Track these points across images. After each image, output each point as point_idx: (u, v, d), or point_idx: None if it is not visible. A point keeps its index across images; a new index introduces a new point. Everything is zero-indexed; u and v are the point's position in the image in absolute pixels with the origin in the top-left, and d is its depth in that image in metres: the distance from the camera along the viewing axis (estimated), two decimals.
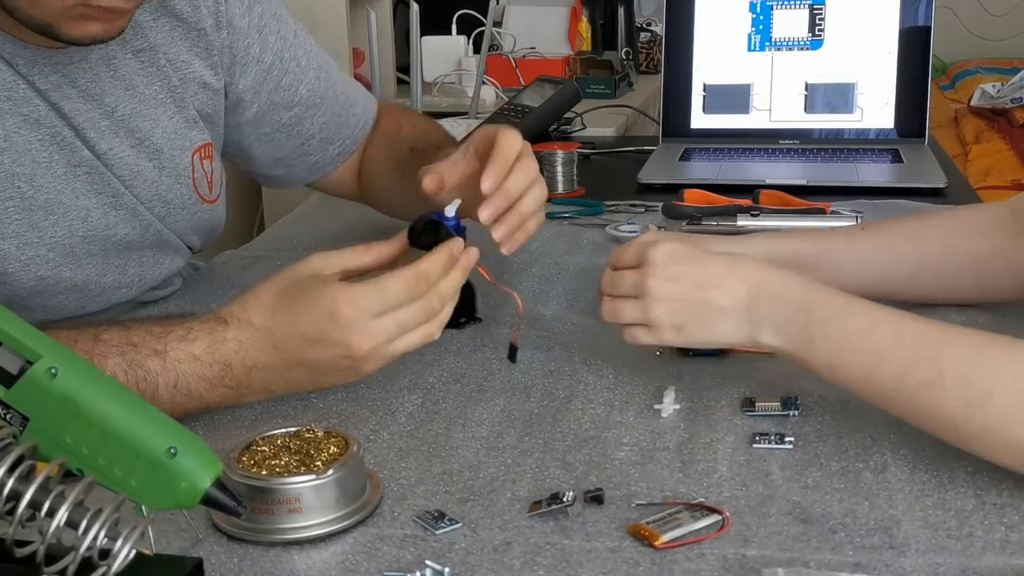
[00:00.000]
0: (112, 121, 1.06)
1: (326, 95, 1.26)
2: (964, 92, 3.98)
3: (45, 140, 1.01)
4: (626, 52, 2.75)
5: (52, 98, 1.01)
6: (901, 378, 0.78)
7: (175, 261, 1.19)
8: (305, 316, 0.87)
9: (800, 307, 0.84)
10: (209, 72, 1.15)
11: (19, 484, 0.59)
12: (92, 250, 1.07)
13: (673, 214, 1.43)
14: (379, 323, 0.87)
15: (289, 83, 1.22)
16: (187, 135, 1.14)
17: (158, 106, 1.10)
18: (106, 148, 1.05)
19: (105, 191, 1.06)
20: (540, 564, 0.70)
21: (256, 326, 0.88)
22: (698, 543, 0.72)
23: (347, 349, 0.87)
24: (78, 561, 0.59)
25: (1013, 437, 0.74)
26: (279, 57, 1.21)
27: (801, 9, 1.77)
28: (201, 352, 0.88)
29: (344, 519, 0.75)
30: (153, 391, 0.87)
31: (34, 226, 1.01)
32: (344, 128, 1.30)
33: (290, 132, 1.25)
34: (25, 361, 0.66)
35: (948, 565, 0.69)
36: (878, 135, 1.76)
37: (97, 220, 1.06)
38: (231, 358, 0.88)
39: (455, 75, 2.62)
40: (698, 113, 1.82)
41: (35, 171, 1.00)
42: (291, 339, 0.88)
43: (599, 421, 0.90)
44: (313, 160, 1.30)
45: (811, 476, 0.80)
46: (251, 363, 0.88)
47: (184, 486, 0.66)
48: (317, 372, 0.89)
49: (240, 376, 0.89)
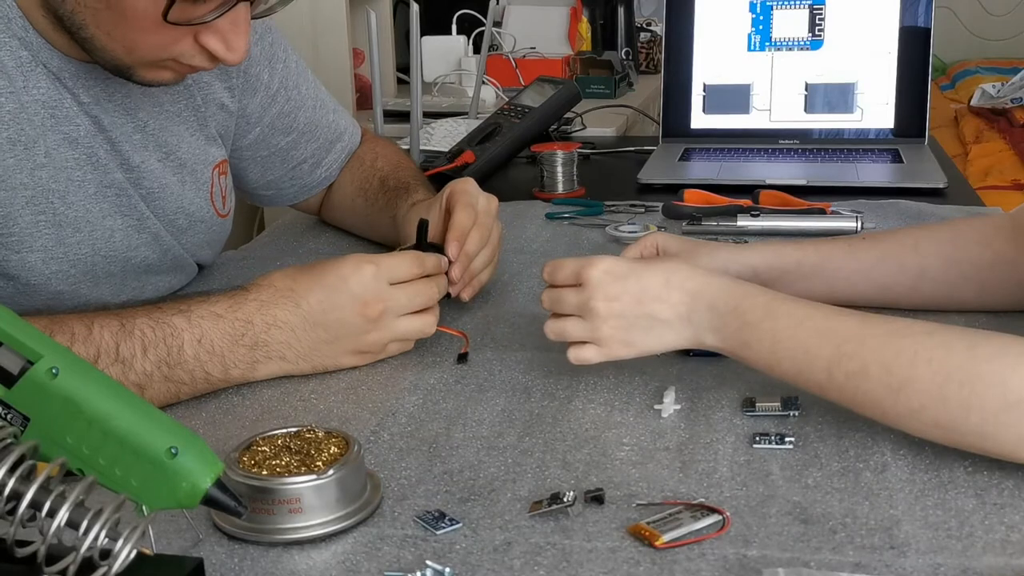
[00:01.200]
0: (143, 135, 1.09)
1: (320, 123, 1.34)
2: (964, 92, 3.98)
3: (81, 159, 1.04)
4: (626, 52, 2.75)
5: (92, 111, 1.04)
6: (829, 371, 0.82)
7: (181, 281, 1.23)
8: (333, 269, 0.97)
9: (732, 312, 0.87)
10: (227, 94, 1.20)
11: (20, 484, 0.60)
12: (112, 270, 1.09)
13: (673, 214, 1.43)
14: (391, 290, 0.98)
15: (290, 110, 1.29)
16: (208, 151, 1.18)
17: (182, 123, 1.14)
18: (139, 161, 1.09)
19: (131, 214, 1.09)
20: (540, 564, 0.71)
21: (278, 287, 0.96)
22: (698, 543, 0.72)
23: (364, 306, 0.96)
24: (79, 561, 0.59)
25: (936, 417, 0.78)
26: (284, 85, 1.27)
27: (801, 9, 1.77)
28: (223, 310, 0.94)
29: (345, 519, 0.75)
30: (180, 346, 0.92)
31: (61, 242, 1.04)
32: (331, 153, 1.37)
33: (284, 156, 1.31)
34: (26, 361, 0.66)
35: (948, 565, 0.69)
36: (878, 135, 1.77)
37: (120, 241, 1.09)
38: (252, 315, 0.95)
39: (455, 75, 2.62)
40: (698, 113, 1.82)
41: (68, 188, 1.03)
42: (312, 291, 0.96)
43: (599, 421, 0.90)
44: (302, 183, 1.36)
45: (811, 476, 0.80)
46: (271, 320, 0.95)
47: (185, 486, 0.66)
48: (332, 335, 0.97)
49: (260, 333, 0.95)
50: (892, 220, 1.41)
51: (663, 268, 0.91)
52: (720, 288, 0.89)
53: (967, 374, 0.76)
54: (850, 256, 1.07)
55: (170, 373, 0.92)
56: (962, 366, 0.77)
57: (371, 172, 1.37)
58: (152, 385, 0.91)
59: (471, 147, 1.72)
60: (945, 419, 0.78)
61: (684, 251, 1.06)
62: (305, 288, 0.96)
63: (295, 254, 1.38)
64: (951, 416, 0.77)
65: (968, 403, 0.76)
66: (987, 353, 0.77)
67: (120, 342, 0.90)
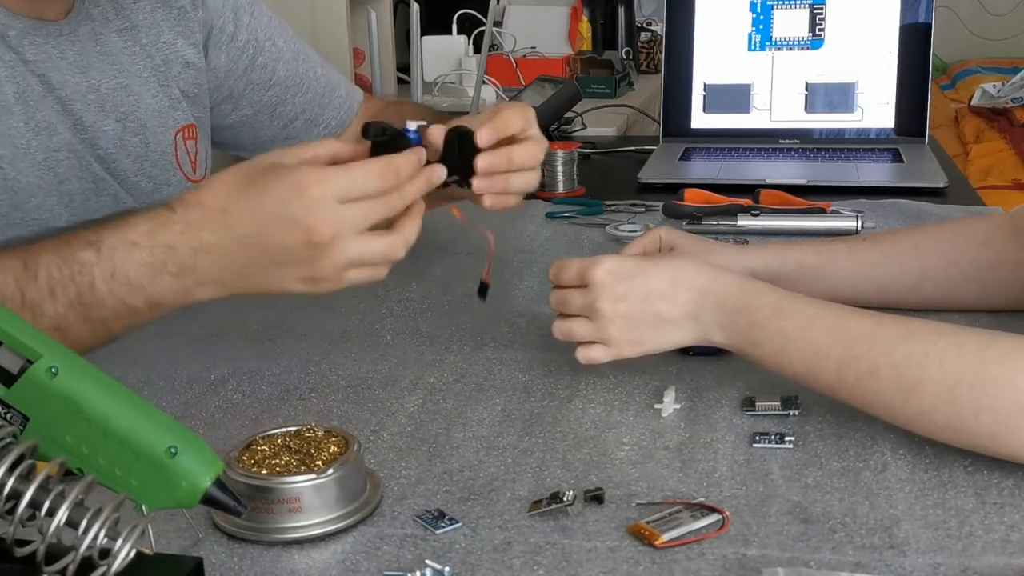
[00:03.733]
0: (98, 95, 1.07)
1: (306, 75, 1.28)
2: (964, 92, 3.98)
3: (20, 126, 1.01)
4: (626, 52, 2.75)
5: (41, 69, 1.01)
6: (840, 372, 0.82)
7: None
8: (269, 192, 0.82)
9: (741, 310, 0.87)
10: (192, 51, 1.17)
11: (19, 483, 0.59)
12: None
13: (673, 214, 1.43)
14: (345, 209, 0.82)
15: (265, 62, 1.25)
16: (170, 114, 1.16)
17: (142, 84, 1.12)
18: (91, 121, 1.06)
19: (86, 176, 1.07)
20: (540, 564, 0.70)
21: (208, 206, 0.84)
22: (698, 542, 0.72)
23: (308, 232, 0.82)
24: (78, 561, 0.59)
25: (947, 418, 0.78)
26: (253, 36, 1.24)
27: (801, 9, 1.77)
28: (140, 237, 0.83)
29: (344, 518, 0.75)
30: (90, 283, 0.83)
31: (17, 207, 1.02)
32: (328, 109, 1.31)
33: (272, 113, 1.27)
34: (25, 360, 0.66)
35: (948, 565, 0.69)
36: (878, 135, 1.77)
37: (79, 205, 1.06)
38: (175, 240, 0.83)
39: (455, 75, 2.62)
40: (698, 113, 1.82)
41: (15, 155, 1.01)
42: (247, 215, 0.83)
43: (599, 420, 0.90)
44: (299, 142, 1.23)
45: (811, 476, 0.80)
46: (198, 244, 0.83)
47: (184, 485, 0.66)
48: (273, 261, 0.84)
49: (185, 259, 0.83)
50: (892, 220, 1.41)
51: (670, 266, 0.91)
52: (729, 286, 0.89)
53: (978, 376, 0.76)
54: (850, 258, 1.07)
55: (87, 312, 0.84)
56: (973, 368, 0.77)
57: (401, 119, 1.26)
58: (71, 326, 0.85)
59: None
60: (956, 421, 0.77)
61: (688, 247, 1.06)
62: (239, 209, 0.83)
63: None
64: (962, 418, 0.77)
65: (979, 405, 0.76)
66: (998, 354, 0.77)
67: (25, 287, 0.84)
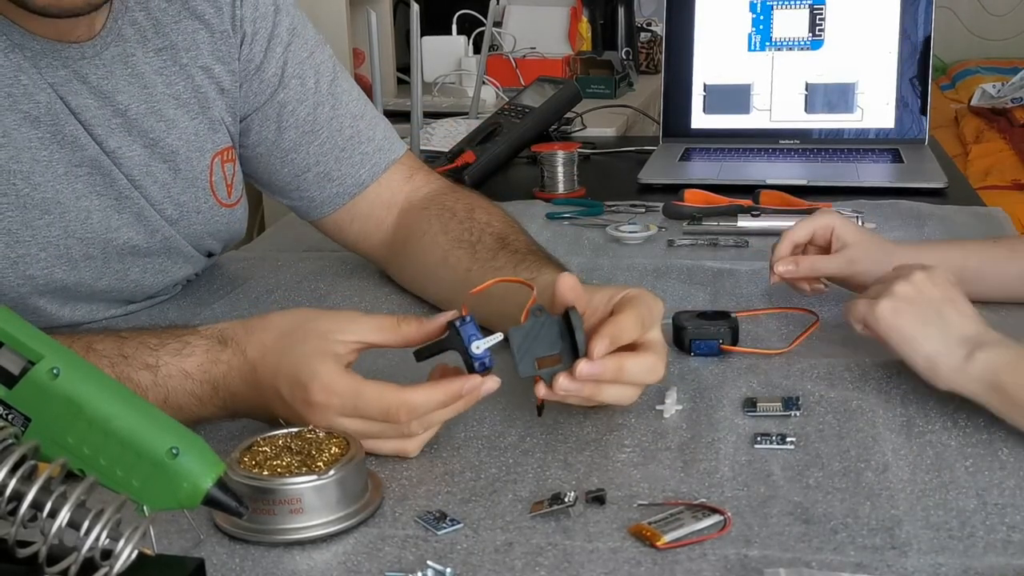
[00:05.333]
0: (124, 120, 1.05)
1: (328, 124, 1.17)
2: (964, 92, 3.98)
3: (46, 138, 1.00)
4: (626, 52, 2.75)
5: (60, 92, 1.00)
6: None
7: (184, 269, 1.17)
8: (283, 372, 0.82)
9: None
10: (228, 78, 1.13)
11: (21, 485, 0.59)
12: (91, 252, 1.05)
13: (673, 214, 1.43)
14: (344, 422, 0.81)
15: (285, 100, 1.16)
16: (209, 137, 1.12)
17: (179, 107, 1.09)
18: (115, 146, 1.04)
19: (108, 192, 1.05)
20: (542, 564, 0.70)
21: (247, 358, 0.85)
22: (700, 543, 0.72)
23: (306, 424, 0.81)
24: (80, 562, 0.59)
25: None
26: (280, 69, 1.15)
27: (801, 9, 1.77)
28: (193, 369, 0.85)
29: (345, 519, 0.75)
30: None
31: (27, 224, 1.00)
32: (344, 165, 1.18)
33: (284, 158, 1.18)
34: (27, 361, 0.66)
35: (950, 565, 0.69)
36: (878, 135, 1.77)
37: (98, 222, 1.05)
38: (219, 380, 0.85)
39: (455, 75, 2.62)
40: (698, 113, 1.82)
41: (33, 169, 1.00)
42: (265, 385, 0.84)
43: (601, 422, 0.90)
44: (310, 196, 1.20)
45: (812, 476, 0.80)
46: (234, 390, 0.85)
47: (186, 486, 0.66)
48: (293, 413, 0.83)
49: (225, 398, 0.86)
50: (892, 220, 1.41)
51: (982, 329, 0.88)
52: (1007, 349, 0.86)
53: None
54: (1013, 259, 1.08)
55: None
56: None
57: (475, 225, 1.12)
58: None
59: (471, 147, 1.72)
60: None
61: (860, 245, 1.06)
62: (262, 374, 0.83)
63: (295, 255, 1.37)
64: None
65: None
66: None
67: None
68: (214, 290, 1.24)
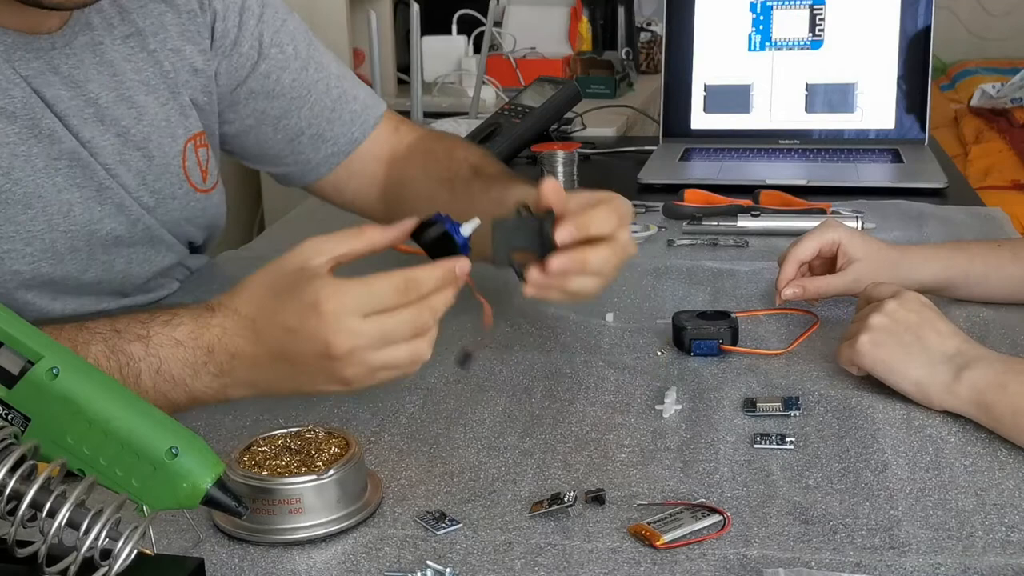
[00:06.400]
0: (96, 109, 1.05)
1: (314, 86, 1.20)
2: (964, 92, 3.98)
3: (23, 133, 1.00)
4: (626, 52, 2.75)
5: (34, 84, 1.00)
6: None
7: (167, 258, 1.17)
8: (288, 306, 0.82)
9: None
10: (200, 57, 1.14)
11: (21, 484, 0.59)
12: (76, 245, 1.05)
13: (673, 214, 1.43)
14: (362, 324, 0.81)
15: (268, 70, 1.18)
16: (180, 123, 1.13)
17: (149, 93, 1.09)
18: (89, 137, 1.04)
19: (88, 184, 1.05)
20: (541, 564, 0.71)
21: (241, 314, 0.85)
22: (699, 543, 0.72)
23: (325, 346, 0.81)
24: (79, 561, 0.59)
25: None
26: (257, 41, 1.17)
27: (801, 9, 1.77)
28: (184, 337, 0.84)
29: (345, 519, 0.75)
30: (136, 376, 0.84)
31: (10, 220, 1.00)
32: (335, 124, 1.22)
33: (275, 126, 1.20)
34: (26, 361, 0.66)
35: (949, 565, 0.69)
36: (878, 135, 1.77)
37: (80, 215, 1.05)
38: (214, 344, 0.84)
39: (455, 75, 2.62)
40: (698, 113, 1.82)
41: (12, 164, 0.99)
42: (272, 329, 0.83)
43: (600, 422, 0.90)
44: (305, 159, 1.22)
45: (812, 476, 0.80)
46: (233, 350, 0.84)
47: (185, 486, 0.66)
48: (298, 371, 0.83)
49: (223, 363, 0.84)
50: (892, 220, 1.41)
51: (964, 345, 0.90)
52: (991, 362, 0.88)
53: None
54: (1014, 261, 1.08)
55: None
56: None
57: (453, 162, 1.17)
58: None
59: None
60: None
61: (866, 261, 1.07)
62: (265, 321, 0.83)
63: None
64: None
65: None
66: None
67: None
68: (214, 291, 1.22)
